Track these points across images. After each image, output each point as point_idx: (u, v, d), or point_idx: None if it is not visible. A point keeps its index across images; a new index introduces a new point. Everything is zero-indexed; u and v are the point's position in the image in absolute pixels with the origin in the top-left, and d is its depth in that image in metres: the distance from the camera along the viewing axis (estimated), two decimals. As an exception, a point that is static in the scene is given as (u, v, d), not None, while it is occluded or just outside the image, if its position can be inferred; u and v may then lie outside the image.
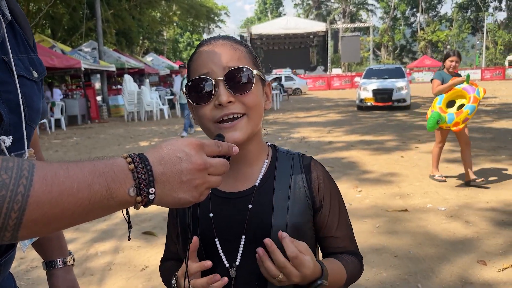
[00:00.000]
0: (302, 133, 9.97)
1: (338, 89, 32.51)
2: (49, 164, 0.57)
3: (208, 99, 0.88)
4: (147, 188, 0.60)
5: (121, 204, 0.60)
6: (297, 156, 1.02)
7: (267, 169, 0.99)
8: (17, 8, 0.90)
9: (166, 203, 0.64)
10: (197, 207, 0.97)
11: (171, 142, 0.66)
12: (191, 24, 31.40)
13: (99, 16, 18.01)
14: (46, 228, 0.57)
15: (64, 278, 1.11)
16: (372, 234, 3.73)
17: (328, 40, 44.70)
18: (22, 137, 0.80)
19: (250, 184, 0.97)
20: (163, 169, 0.62)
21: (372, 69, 16.58)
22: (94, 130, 12.75)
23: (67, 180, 0.55)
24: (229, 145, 0.74)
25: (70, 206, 0.55)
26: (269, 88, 1.01)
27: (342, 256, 1.00)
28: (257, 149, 0.99)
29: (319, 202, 0.98)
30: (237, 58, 0.90)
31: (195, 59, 0.92)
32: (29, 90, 0.83)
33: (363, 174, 5.79)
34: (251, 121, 0.91)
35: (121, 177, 0.59)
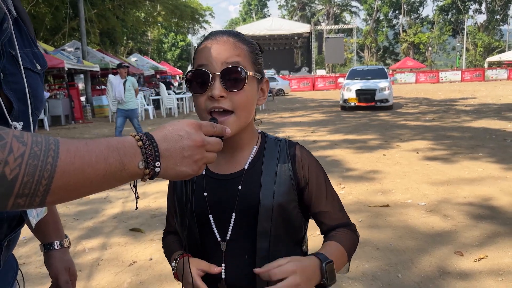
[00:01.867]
0: (287, 133, 10.09)
1: (323, 90, 32.80)
2: (71, 140, 0.65)
3: (204, 90, 0.97)
4: (154, 162, 0.69)
5: (132, 175, 0.69)
6: (284, 142, 1.12)
7: (256, 153, 1.08)
8: (19, 5, 0.96)
9: (169, 176, 0.73)
10: (193, 187, 1.07)
11: (173, 122, 0.75)
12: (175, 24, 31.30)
13: (82, 16, 17.86)
14: (69, 195, 0.64)
15: (61, 259, 1.17)
16: (354, 228, 3.84)
17: (312, 42, 45.02)
18: (29, 124, 0.87)
19: (240, 167, 1.06)
20: (167, 145, 0.71)
21: (356, 70, 16.82)
22: (78, 131, 12.66)
23: (87, 154, 0.63)
24: (222, 127, 0.84)
25: (90, 176, 0.63)
26: (266, 85, 1.10)
27: (336, 233, 1.08)
28: (248, 136, 1.08)
29: (304, 181, 1.06)
30: (236, 56, 0.98)
31: (199, 51, 1.01)
32: (34, 81, 0.90)
33: (346, 172, 5.92)
34: (239, 119, 0.99)
35: (132, 152, 0.68)
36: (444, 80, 35.32)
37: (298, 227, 1.10)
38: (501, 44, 52.85)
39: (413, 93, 23.54)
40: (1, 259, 0.84)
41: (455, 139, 8.23)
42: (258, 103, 1.07)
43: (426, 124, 10.58)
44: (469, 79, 34.76)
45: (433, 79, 35.74)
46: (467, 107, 14.52)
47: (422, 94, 22.14)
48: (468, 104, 15.57)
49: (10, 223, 0.84)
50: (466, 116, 11.83)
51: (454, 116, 12.02)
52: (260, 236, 1.02)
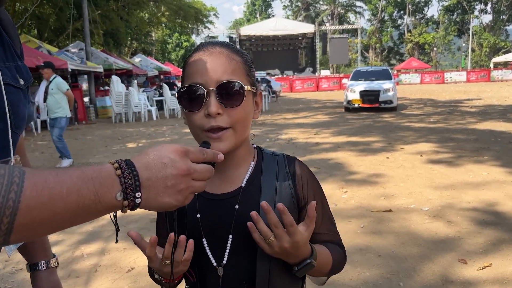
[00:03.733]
0: (290, 134, 10.03)
1: (327, 90, 32.68)
2: (39, 170, 0.59)
3: (199, 107, 0.91)
4: (134, 193, 0.63)
5: (108, 208, 0.63)
6: (282, 157, 1.06)
7: (253, 170, 1.02)
8: (5, 17, 0.92)
9: (152, 207, 0.67)
10: (184, 208, 1.00)
11: (157, 148, 0.69)
12: (179, 25, 31.27)
13: (86, 17, 17.88)
14: (37, 232, 0.59)
15: (47, 280, 1.12)
16: (356, 234, 3.78)
17: (317, 42, 44.91)
18: (8, 144, 0.82)
19: (236, 186, 1.00)
20: (149, 174, 0.65)
21: (360, 71, 16.73)
22: (81, 132, 12.65)
23: (56, 185, 0.58)
24: (214, 152, 0.77)
25: (59, 210, 0.58)
26: (260, 98, 1.04)
27: (327, 244, 1.04)
28: (244, 153, 1.03)
29: (303, 200, 1.01)
30: (232, 70, 0.92)
31: (191, 64, 0.95)
32: (15, 97, 0.86)
33: (349, 175, 5.86)
34: (237, 134, 0.94)
35: (109, 182, 0.62)
36: (449, 80, 35.11)
37: None
38: (507, 44, 52.48)
39: (418, 94, 23.40)
40: None
41: (459, 141, 8.14)
42: (254, 117, 1.02)
43: (430, 126, 10.48)
44: (475, 80, 34.53)
45: (438, 80, 35.54)
46: (472, 108, 14.39)
47: (427, 95, 22.00)
48: (473, 105, 15.44)
49: None
50: (471, 118, 11.72)
51: (459, 118, 11.91)
52: (260, 258, 0.96)
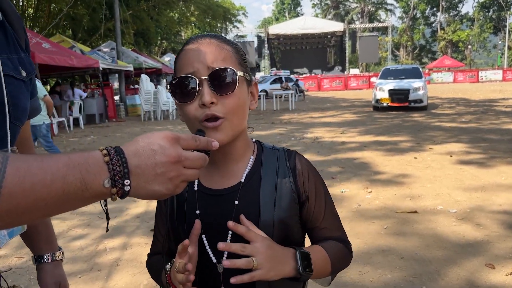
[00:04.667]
0: (316, 133, 9.93)
1: (355, 89, 32.23)
2: (24, 156, 0.58)
3: (192, 98, 0.90)
4: (122, 180, 0.61)
5: (96, 195, 0.61)
6: (282, 151, 1.04)
7: (253, 165, 1.00)
8: (10, 9, 0.93)
9: (141, 195, 0.65)
10: (184, 205, 0.99)
11: (147, 135, 0.67)
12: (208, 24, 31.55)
13: (117, 17, 18.27)
14: (21, 219, 0.58)
15: (52, 273, 1.13)
16: (379, 235, 3.70)
17: (346, 40, 44.36)
18: (6, 135, 0.83)
19: (236, 181, 0.98)
20: (138, 161, 0.63)
21: (389, 69, 16.38)
22: (111, 129, 12.95)
23: (40, 172, 0.57)
24: (208, 140, 0.75)
25: (43, 197, 0.57)
26: (256, 88, 1.02)
27: (325, 242, 1.02)
28: (243, 146, 1.01)
29: (305, 195, 0.99)
30: (223, 58, 0.91)
31: (181, 57, 0.93)
32: (16, 89, 0.86)
33: (374, 175, 5.74)
34: (232, 124, 0.92)
35: (96, 169, 0.60)
36: (484, 79, 33.94)
37: (298, 242, 1.03)
38: (547, 41, 50.19)
39: (450, 93, 22.73)
40: None
41: (492, 142, 7.84)
42: (251, 107, 1.00)
43: (462, 126, 10.15)
44: (511, 79, 33.22)
45: (472, 79, 34.42)
46: (507, 108, 13.84)
47: (460, 94, 21.33)
48: (509, 105, 14.85)
49: None
50: (506, 118, 11.27)
51: (493, 118, 11.48)
52: None
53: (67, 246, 3.73)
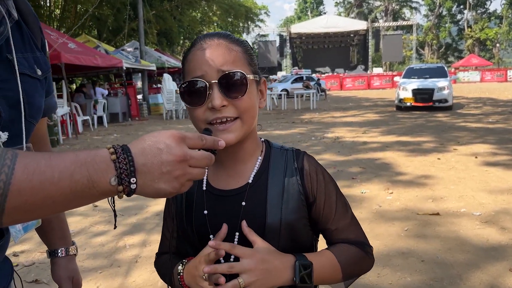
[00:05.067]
0: (337, 133, 9.84)
1: (378, 88, 31.79)
2: (33, 154, 0.60)
3: (202, 102, 0.89)
4: (129, 178, 0.62)
5: (103, 193, 0.62)
6: (290, 151, 1.02)
7: (261, 165, 0.99)
8: (26, 9, 0.94)
9: (147, 193, 0.66)
10: (192, 205, 0.99)
11: (153, 134, 0.68)
12: (230, 24, 31.68)
13: (141, 17, 18.54)
14: (29, 215, 0.60)
15: (65, 267, 1.16)
16: (399, 237, 3.63)
17: (369, 39, 43.80)
18: (21, 132, 0.85)
19: (243, 182, 0.98)
20: (144, 160, 0.64)
21: (413, 68, 16.09)
22: (134, 127, 13.15)
23: (48, 170, 0.58)
24: (214, 139, 0.75)
25: (51, 194, 0.58)
26: (264, 86, 1.01)
27: (337, 245, 0.99)
28: (251, 146, 1.00)
29: (312, 196, 0.97)
30: (232, 60, 0.90)
31: (190, 59, 0.92)
32: (31, 87, 0.88)
33: (396, 176, 5.64)
34: (244, 123, 0.92)
35: (103, 167, 0.61)
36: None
37: (308, 245, 1.01)
38: None
39: (477, 92, 22.16)
40: None
41: (520, 143, 7.60)
42: (260, 106, 0.99)
43: (488, 126, 9.87)
44: (542, 78, 32.15)
45: (500, 78, 33.46)
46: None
47: (487, 94, 20.77)
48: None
49: None
50: (535, 118, 10.90)
51: (522, 118, 11.12)
52: None
53: (88, 242, 3.81)
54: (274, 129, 11.18)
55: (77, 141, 10.50)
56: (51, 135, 9.47)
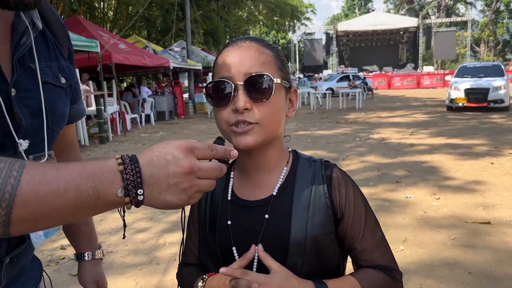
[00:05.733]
0: (383, 134, 9.55)
1: (428, 88, 30.59)
2: (40, 165, 0.61)
3: (227, 103, 0.88)
4: (136, 190, 0.62)
5: (110, 204, 0.62)
6: (319, 163, 0.98)
7: (286, 177, 0.96)
8: (53, 17, 0.96)
9: (155, 205, 0.66)
10: (216, 215, 0.97)
11: (162, 144, 0.67)
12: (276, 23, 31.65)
13: (188, 17, 18.91)
14: (36, 226, 0.60)
15: (91, 271, 1.18)
16: (445, 246, 3.45)
17: (420, 36, 42.25)
18: (43, 140, 0.86)
19: (268, 193, 0.95)
20: (152, 171, 0.63)
21: (466, 67, 15.31)
22: (179, 126, 13.45)
23: (54, 181, 0.58)
24: (225, 149, 0.73)
25: (57, 206, 0.58)
26: (295, 95, 0.98)
27: (363, 270, 0.94)
28: (277, 156, 0.97)
29: (340, 212, 0.92)
30: (261, 63, 0.88)
31: (219, 60, 0.91)
32: (54, 95, 0.90)
33: (443, 181, 5.38)
34: (264, 129, 0.88)
35: (110, 178, 0.61)
36: None
37: (335, 264, 0.96)
38: None
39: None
40: (4, 276, 0.84)
41: None
42: (288, 115, 0.96)
43: (549, 129, 9.22)
44: None
45: None
46: None
47: (549, 94, 19.40)
48: None
49: (10, 242, 0.85)
50: None
51: None
52: (290, 270, 0.89)
53: (130, 238, 3.92)
54: (317, 129, 11.03)
55: (126, 138, 10.88)
56: (101, 132, 9.88)
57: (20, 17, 0.84)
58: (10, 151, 0.80)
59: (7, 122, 0.78)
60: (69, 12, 15.49)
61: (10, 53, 0.81)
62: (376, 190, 5.00)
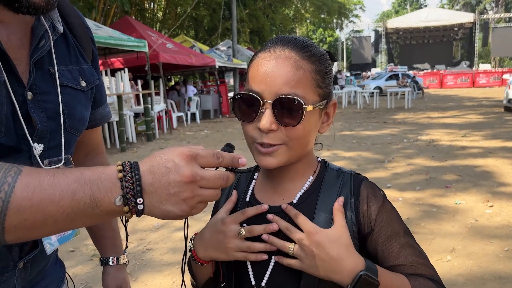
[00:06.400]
0: (432, 136, 9.13)
1: (484, 86, 29.01)
2: (36, 171, 0.59)
3: (253, 118, 0.82)
4: (135, 198, 0.59)
5: (108, 213, 0.60)
6: (348, 175, 0.90)
7: (310, 186, 0.90)
8: (76, 21, 0.95)
9: (155, 215, 0.63)
10: None
11: (164, 151, 0.64)
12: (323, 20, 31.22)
13: (234, 17, 19.07)
14: (31, 233, 0.59)
15: (114, 276, 1.16)
16: (497, 258, 3.22)
17: (476, 32, 40.16)
18: (60, 144, 0.85)
19: (288, 200, 0.89)
20: (152, 179, 0.60)
21: (527, 64, 14.33)
22: (224, 124, 13.57)
23: (49, 188, 0.56)
24: (233, 157, 0.69)
25: (52, 213, 0.56)
26: (333, 109, 0.90)
27: (413, 276, 0.84)
28: (304, 167, 0.91)
29: (368, 227, 0.84)
30: (295, 81, 0.80)
31: (254, 66, 0.84)
32: (73, 99, 0.89)
33: (498, 187, 5.04)
34: (291, 150, 0.83)
35: (108, 185, 0.59)
36: None
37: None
38: None
39: None
40: (17, 280, 0.84)
41: None
42: (320, 131, 0.89)
43: None
44: None
45: None
46: None
47: None
48: None
49: (22, 247, 0.84)
50: None
51: None
52: (306, 283, 0.83)
53: (170, 236, 3.97)
54: (363, 129, 10.75)
55: (172, 136, 11.12)
56: (148, 130, 10.16)
57: (40, 20, 0.84)
58: (26, 154, 0.79)
59: (22, 126, 0.77)
60: (121, 14, 16.04)
61: (28, 57, 0.81)
62: (423, 195, 4.77)
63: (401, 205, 4.48)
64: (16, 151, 0.77)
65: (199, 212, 0.65)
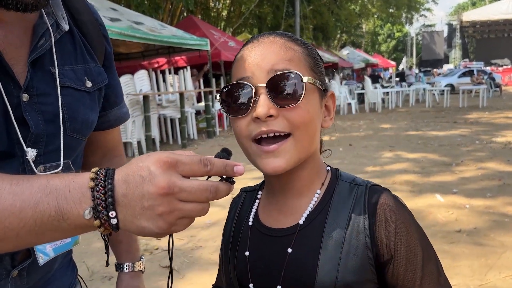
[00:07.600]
0: (509, 137, 8.36)
1: None
2: (0, 179, 0.53)
3: (246, 111, 0.71)
4: (107, 211, 0.52)
5: (77, 227, 0.53)
6: (363, 187, 0.76)
7: (318, 202, 0.77)
8: (88, 18, 0.91)
9: (132, 231, 0.54)
10: (237, 242, 0.83)
11: (142, 157, 0.54)
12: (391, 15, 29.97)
13: (297, 13, 18.92)
14: None
15: (128, 284, 1.10)
16: None
17: None
18: (59, 148, 0.81)
19: (294, 220, 0.77)
20: (126, 189, 0.52)
21: None
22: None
23: (9, 197, 0.51)
24: (226, 163, 0.57)
25: (12, 226, 0.51)
26: (332, 101, 0.79)
27: None
28: (311, 176, 0.78)
29: (388, 253, 0.71)
30: (288, 59, 0.71)
31: (238, 59, 0.76)
32: (75, 100, 0.83)
33: None
34: (299, 144, 0.71)
35: (77, 196, 0.52)
36: None
37: None
38: None
39: None
40: None
41: None
42: (324, 125, 0.77)
43: None
44: None
45: None
46: None
47: None
48: None
49: (13, 256, 0.80)
50: None
51: None
52: None
53: (220, 235, 3.94)
54: (431, 129, 10.12)
55: (231, 133, 11.23)
56: (209, 127, 10.33)
57: (43, 18, 0.80)
58: (19, 159, 0.75)
59: (15, 129, 0.73)
60: (187, 13, 16.50)
61: (27, 56, 0.77)
62: (494, 203, 4.35)
63: (468, 213, 4.11)
64: (8, 156, 0.74)
65: (182, 230, 0.55)
